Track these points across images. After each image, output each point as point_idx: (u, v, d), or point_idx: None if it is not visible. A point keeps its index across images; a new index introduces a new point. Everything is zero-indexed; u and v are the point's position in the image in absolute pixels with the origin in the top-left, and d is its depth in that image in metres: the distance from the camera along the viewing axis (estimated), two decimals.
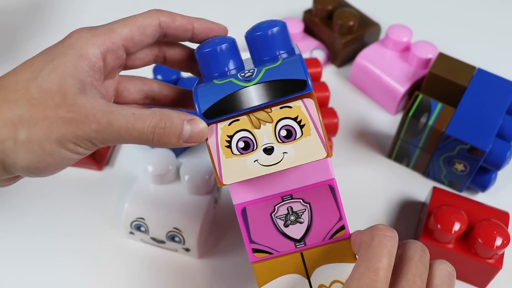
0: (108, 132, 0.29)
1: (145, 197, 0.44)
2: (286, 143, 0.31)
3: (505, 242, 0.41)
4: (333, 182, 0.33)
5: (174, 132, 0.30)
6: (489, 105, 0.48)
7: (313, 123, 0.31)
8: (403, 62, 0.57)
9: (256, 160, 0.31)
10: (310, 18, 0.61)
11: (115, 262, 0.45)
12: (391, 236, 0.30)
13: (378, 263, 0.28)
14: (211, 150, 0.31)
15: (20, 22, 0.64)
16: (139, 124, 0.29)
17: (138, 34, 0.32)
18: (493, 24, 0.68)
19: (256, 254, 0.34)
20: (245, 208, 0.33)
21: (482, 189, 0.50)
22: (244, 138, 0.31)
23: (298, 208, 0.33)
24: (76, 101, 0.28)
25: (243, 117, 0.31)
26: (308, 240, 0.34)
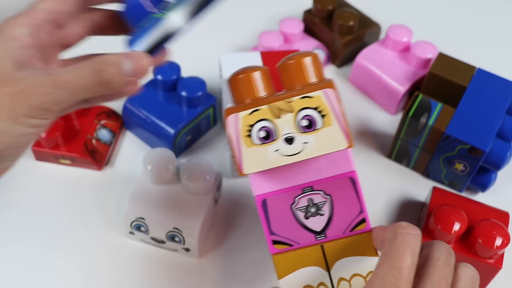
0: (56, 90, 0.29)
1: (145, 197, 0.44)
2: (307, 133, 0.31)
3: (505, 242, 0.41)
4: (354, 174, 0.33)
5: (113, 68, 0.30)
6: (489, 105, 0.48)
7: (334, 113, 0.31)
8: (403, 62, 0.57)
9: (277, 150, 0.31)
10: (310, 18, 0.61)
11: (115, 262, 0.45)
12: (414, 234, 0.29)
13: (401, 262, 0.28)
14: (231, 140, 0.31)
15: None
16: (81, 71, 0.30)
17: (62, 4, 0.32)
18: (493, 24, 0.68)
19: (276, 246, 0.34)
20: (265, 199, 0.33)
21: (482, 189, 0.50)
22: (265, 128, 0.31)
23: (319, 200, 0.33)
24: (15, 76, 0.29)
25: (263, 107, 0.31)
26: (329, 233, 0.33)
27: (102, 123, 0.51)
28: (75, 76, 0.29)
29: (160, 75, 0.51)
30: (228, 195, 0.50)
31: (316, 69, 0.32)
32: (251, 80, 0.32)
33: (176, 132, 0.49)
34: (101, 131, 0.50)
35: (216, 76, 0.56)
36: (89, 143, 0.49)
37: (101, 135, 0.50)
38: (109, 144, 0.51)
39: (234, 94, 0.33)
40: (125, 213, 0.44)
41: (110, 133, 0.51)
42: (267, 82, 0.32)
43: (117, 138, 0.53)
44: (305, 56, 0.32)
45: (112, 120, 0.52)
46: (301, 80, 0.32)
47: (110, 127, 0.52)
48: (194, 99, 0.50)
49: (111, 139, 0.51)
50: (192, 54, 0.61)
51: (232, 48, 0.62)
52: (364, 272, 0.33)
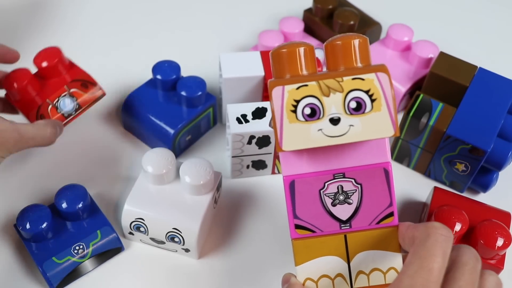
0: (22, 142, 0.41)
1: (144, 197, 0.44)
2: (354, 115, 0.30)
3: (506, 243, 0.41)
4: (389, 165, 0.32)
5: (59, 132, 0.45)
6: (490, 104, 0.48)
7: (385, 98, 0.30)
8: (404, 61, 0.56)
9: (321, 129, 0.30)
10: (310, 17, 0.61)
11: (114, 262, 0.45)
12: (447, 236, 0.29)
13: (433, 263, 0.28)
14: (274, 113, 0.30)
15: (19, 21, 0.64)
16: (41, 132, 0.43)
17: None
18: (494, 23, 0.68)
19: (298, 231, 0.32)
20: (293, 181, 0.32)
21: (484, 190, 0.50)
22: (311, 105, 0.30)
23: (349, 188, 0.32)
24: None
25: (311, 83, 0.30)
26: (354, 223, 0.32)
27: (70, 91, 0.47)
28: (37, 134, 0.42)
29: (159, 75, 0.51)
30: (228, 195, 0.49)
31: (364, 53, 0.31)
32: (295, 56, 0.31)
33: (176, 132, 0.49)
34: (64, 100, 0.46)
35: (216, 76, 0.56)
36: (43, 108, 0.46)
37: (62, 104, 0.46)
38: (66, 116, 0.46)
39: (275, 69, 0.31)
40: (125, 213, 0.44)
41: (73, 104, 0.47)
42: (311, 59, 0.31)
43: (79, 113, 0.47)
44: (355, 38, 0.31)
45: (84, 91, 0.47)
46: (347, 62, 0.30)
47: (78, 98, 0.47)
48: (194, 98, 0.50)
49: (70, 112, 0.46)
50: (192, 53, 0.61)
51: (232, 48, 0.62)
52: (385, 268, 0.32)
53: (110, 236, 0.44)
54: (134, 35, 0.63)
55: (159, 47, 0.62)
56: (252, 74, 0.50)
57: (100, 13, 0.66)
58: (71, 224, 0.44)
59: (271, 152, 0.48)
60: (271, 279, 0.44)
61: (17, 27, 0.63)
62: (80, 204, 0.44)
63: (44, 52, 0.47)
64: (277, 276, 0.45)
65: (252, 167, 0.50)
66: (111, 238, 0.44)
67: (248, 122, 0.46)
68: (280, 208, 0.48)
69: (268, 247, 0.46)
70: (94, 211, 0.45)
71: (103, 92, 0.48)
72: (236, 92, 0.51)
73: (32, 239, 0.43)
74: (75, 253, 0.42)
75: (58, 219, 0.44)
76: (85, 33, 0.63)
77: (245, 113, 0.47)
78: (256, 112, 0.47)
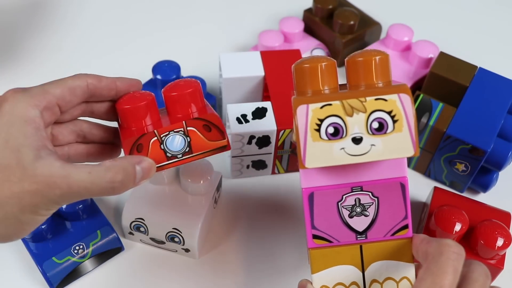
0: (70, 194, 0.31)
1: (144, 197, 0.44)
2: (376, 135, 0.30)
3: (506, 243, 0.41)
4: (405, 180, 0.33)
5: (130, 179, 0.32)
6: (490, 105, 0.48)
7: (407, 119, 0.30)
8: (404, 61, 0.56)
9: (343, 148, 0.30)
10: (310, 17, 0.61)
11: (114, 263, 0.45)
12: (459, 254, 0.30)
13: (445, 280, 0.29)
14: (298, 131, 0.31)
15: (19, 21, 0.64)
16: (97, 182, 0.31)
17: (69, 94, 0.34)
18: (494, 23, 0.68)
19: (315, 241, 0.33)
20: (312, 193, 0.33)
21: (484, 190, 0.50)
22: (334, 124, 0.30)
23: (366, 201, 0.33)
24: (35, 172, 0.30)
25: (335, 102, 0.30)
26: (370, 234, 0.33)
27: (187, 129, 0.35)
28: (90, 185, 0.31)
29: (159, 75, 0.51)
30: (228, 195, 0.49)
31: (385, 70, 0.32)
32: (317, 71, 0.31)
33: None
34: (174, 136, 0.35)
35: (216, 76, 0.56)
36: (146, 138, 0.35)
37: (170, 140, 0.35)
38: (168, 156, 0.35)
39: (298, 83, 0.32)
40: (125, 213, 0.44)
41: (183, 144, 0.35)
42: (333, 75, 0.32)
43: (186, 160, 0.35)
44: (376, 55, 0.31)
45: (204, 135, 0.35)
46: (368, 79, 0.31)
47: (192, 139, 0.35)
48: None
49: (176, 153, 0.35)
50: (192, 53, 0.61)
51: (232, 48, 0.62)
52: (398, 277, 0.33)
53: (110, 236, 0.44)
54: (134, 35, 0.63)
55: (159, 47, 0.62)
56: (252, 74, 0.50)
57: (100, 13, 0.66)
58: (71, 224, 0.44)
59: (271, 152, 0.48)
60: (271, 279, 0.44)
61: (17, 27, 0.63)
62: (80, 204, 0.44)
63: (179, 83, 0.37)
64: (277, 275, 0.45)
65: (252, 167, 0.50)
66: (111, 238, 0.44)
67: (248, 122, 0.46)
68: (280, 208, 0.48)
69: (268, 247, 0.46)
70: (94, 211, 0.45)
71: (228, 145, 0.36)
72: (236, 92, 0.51)
73: (32, 239, 0.43)
74: (75, 253, 0.42)
75: (58, 219, 0.44)
76: (85, 33, 0.63)
77: (245, 113, 0.47)
78: (256, 112, 0.47)
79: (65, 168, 0.31)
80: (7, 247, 0.45)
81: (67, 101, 0.34)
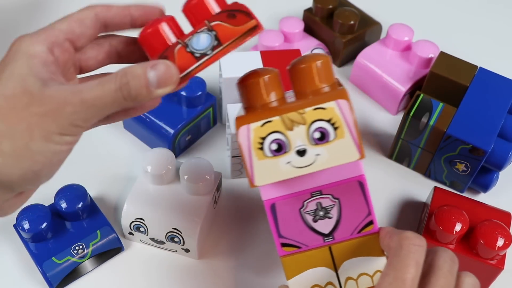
0: (84, 108, 0.29)
1: (144, 197, 0.44)
2: (319, 145, 0.30)
3: (507, 243, 0.41)
4: (363, 178, 0.33)
5: (139, 81, 0.29)
6: (490, 104, 0.48)
7: (347, 125, 0.30)
8: (404, 61, 0.56)
9: (289, 162, 0.31)
10: (311, 17, 0.61)
11: (114, 263, 0.45)
12: (420, 245, 0.30)
13: (406, 274, 0.29)
14: (243, 152, 0.31)
15: (19, 21, 0.64)
16: (107, 87, 0.29)
17: (78, 26, 0.32)
18: (495, 22, 0.68)
19: (284, 248, 0.34)
20: (274, 203, 0.33)
21: (484, 190, 0.50)
22: (277, 140, 0.30)
23: (327, 204, 0.33)
24: (43, 95, 0.28)
25: (275, 118, 0.30)
26: (337, 235, 0.34)
27: (210, 24, 0.32)
28: (102, 93, 0.29)
29: None
30: (228, 195, 0.49)
31: (327, 73, 0.32)
32: (261, 86, 0.31)
33: (176, 132, 0.49)
34: (198, 36, 0.32)
35: (216, 76, 0.56)
36: (170, 50, 0.32)
37: (195, 40, 0.32)
38: (196, 56, 0.32)
39: (244, 98, 0.32)
40: (124, 213, 0.44)
41: (209, 39, 0.32)
42: (277, 86, 0.32)
43: (219, 53, 0.32)
44: (316, 60, 0.31)
45: (230, 23, 0.32)
46: (312, 85, 0.31)
47: (218, 32, 0.32)
48: (194, 98, 0.50)
49: (204, 50, 0.32)
50: None
51: None
52: (371, 271, 0.34)
53: (110, 236, 0.44)
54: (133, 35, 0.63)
55: None
56: None
57: None
58: (71, 224, 0.44)
59: None
60: (271, 279, 0.44)
61: (17, 26, 0.63)
62: (80, 204, 0.44)
63: None
64: (276, 275, 0.45)
65: None
66: (111, 238, 0.44)
67: None
68: None
69: (268, 247, 0.46)
70: (94, 211, 0.45)
71: (258, 24, 0.32)
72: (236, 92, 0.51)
73: (31, 239, 0.43)
74: (75, 253, 0.42)
75: (57, 219, 0.44)
76: None
77: None
78: None
79: (75, 86, 0.29)
80: (7, 247, 0.45)
81: (77, 34, 0.32)
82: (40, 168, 0.29)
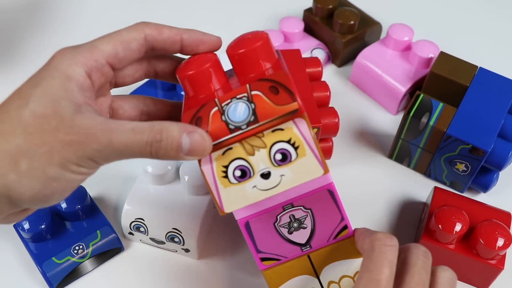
0: (109, 150, 0.28)
1: (144, 197, 0.44)
2: (282, 166, 0.30)
3: (507, 243, 0.41)
4: (332, 186, 0.33)
5: (171, 145, 0.28)
6: (490, 104, 0.48)
7: (307, 143, 0.30)
8: (404, 61, 0.56)
9: (255, 186, 0.31)
10: (311, 17, 0.61)
11: (114, 263, 0.45)
12: (391, 245, 0.31)
13: (380, 275, 0.29)
14: (207, 181, 0.31)
15: (19, 20, 0.64)
16: (138, 138, 0.28)
17: (122, 49, 0.31)
18: (495, 23, 0.68)
19: (264, 262, 0.34)
20: (248, 222, 0.33)
21: (484, 190, 0.50)
22: (240, 167, 0.30)
23: (300, 215, 0.33)
24: (74, 122, 0.28)
25: (235, 145, 0.30)
26: (313, 243, 0.34)
27: (251, 93, 0.30)
28: (131, 142, 0.28)
29: None
30: None
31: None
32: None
33: None
34: (236, 104, 0.30)
35: None
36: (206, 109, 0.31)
37: (232, 109, 0.30)
38: (230, 129, 0.30)
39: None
40: (124, 213, 0.44)
41: (247, 113, 0.30)
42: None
43: (252, 131, 0.30)
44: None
45: (270, 99, 0.30)
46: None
47: (258, 107, 0.30)
48: None
49: (239, 123, 0.30)
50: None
51: None
52: (351, 273, 0.35)
53: (110, 236, 0.44)
54: None
55: None
56: None
57: (100, 14, 0.66)
58: (71, 224, 0.44)
59: None
60: None
61: (17, 27, 0.63)
62: (79, 204, 0.44)
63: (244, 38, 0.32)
64: None
65: None
66: (111, 238, 0.44)
67: None
68: None
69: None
70: (94, 211, 0.45)
71: (301, 109, 0.30)
72: None
73: (31, 239, 0.43)
74: (75, 253, 0.42)
75: (57, 219, 0.44)
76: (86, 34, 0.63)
77: None
78: None
79: (108, 122, 0.28)
80: (7, 247, 0.45)
81: (120, 58, 0.31)
82: (51, 192, 0.29)
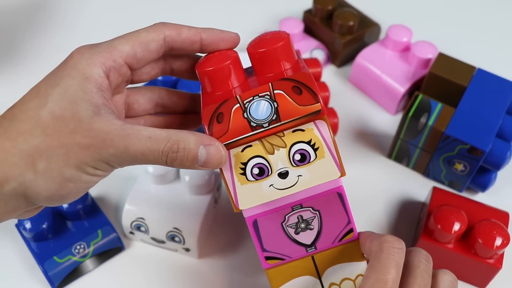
0: (125, 156, 0.28)
1: (145, 197, 0.44)
2: (300, 166, 0.31)
3: (505, 242, 0.41)
4: (342, 189, 0.33)
5: (187, 156, 0.29)
6: (489, 105, 0.48)
7: (327, 145, 0.30)
8: (403, 62, 0.56)
9: (271, 184, 0.31)
10: (310, 18, 0.61)
11: (115, 262, 0.45)
12: (399, 248, 0.31)
13: (387, 275, 0.30)
14: (225, 177, 0.31)
15: (20, 22, 0.64)
16: (155, 147, 0.28)
17: (141, 50, 0.31)
18: (493, 24, 0.68)
19: (269, 261, 0.34)
20: (256, 220, 0.33)
21: (482, 189, 0.50)
22: (258, 165, 0.31)
23: (308, 216, 0.34)
24: (91, 125, 0.28)
25: (255, 142, 0.30)
26: (319, 245, 0.34)
27: (274, 92, 0.30)
28: (147, 150, 0.28)
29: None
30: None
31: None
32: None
33: None
34: (259, 102, 0.30)
35: None
36: (227, 106, 0.30)
37: (254, 107, 0.30)
38: (252, 126, 0.30)
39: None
40: (125, 213, 0.44)
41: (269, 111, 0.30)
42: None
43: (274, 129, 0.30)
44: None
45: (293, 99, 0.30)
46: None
47: (280, 106, 0.30)
48: None
49: (261, 121, 0.30)
50: None
51: None
52: (353, 276, 0.35)
53: (111, 235, 0.44)
54: None
55: None
56: None
57: (101, 14, 0.66)
58: (72, 223, 0.44)
59: None
60: None
61: (18, 28, 0.63)
62: (81, 203, 0.44)
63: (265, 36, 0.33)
64: None
65: None
66: (111, 237, 0.44)
67: None
68: None
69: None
70: (95, 211, 0.45)
71: (323, 110, 0.30)
72: None
73: (33, 239, 0.43)
74: (76, 252, 0.43)
75: (59, 219, 0.44)
76: (86, 34, 0.64)
77: None
78: None
79: (125, 128, 0.28)
80: (9, 246, 0.45)
81: (138, 59, 0.31)
82: (67, 193, 0.29)
